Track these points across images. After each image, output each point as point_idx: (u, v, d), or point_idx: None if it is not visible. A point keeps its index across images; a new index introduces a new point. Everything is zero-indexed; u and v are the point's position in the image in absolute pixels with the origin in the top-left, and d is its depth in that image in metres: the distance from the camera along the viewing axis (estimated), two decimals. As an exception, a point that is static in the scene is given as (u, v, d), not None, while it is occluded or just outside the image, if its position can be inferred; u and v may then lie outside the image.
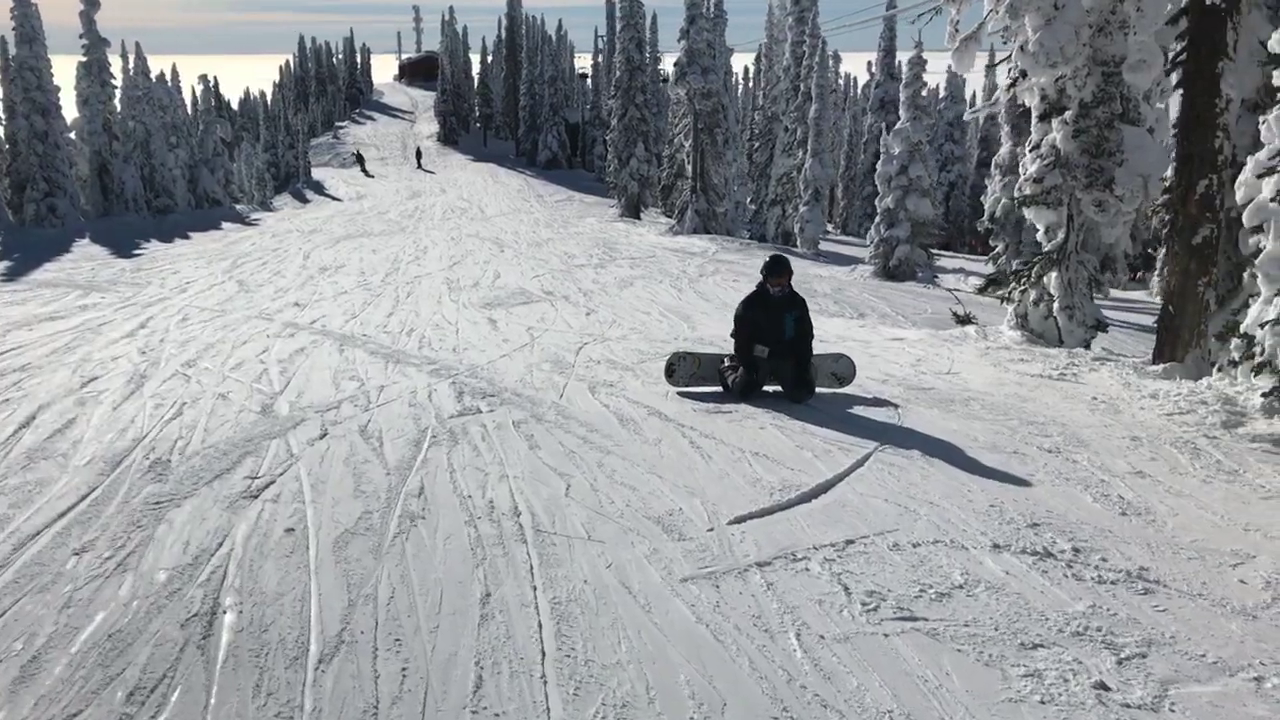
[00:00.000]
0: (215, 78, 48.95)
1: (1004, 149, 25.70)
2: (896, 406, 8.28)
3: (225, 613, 4.47)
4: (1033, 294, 12.86)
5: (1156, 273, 31.16)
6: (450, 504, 5.84)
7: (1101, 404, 8.42)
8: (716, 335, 12.56)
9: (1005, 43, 12.67)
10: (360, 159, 65.64)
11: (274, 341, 11.59)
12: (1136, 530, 5.48)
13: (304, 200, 52.02)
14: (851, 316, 16.18)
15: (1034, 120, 12.71)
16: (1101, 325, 12.73)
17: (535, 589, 4.68)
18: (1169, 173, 11.88)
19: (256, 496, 6.00)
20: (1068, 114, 12.00)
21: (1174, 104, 12.22)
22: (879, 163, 31.01)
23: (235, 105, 78.79)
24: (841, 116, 53.03)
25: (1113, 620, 4.37)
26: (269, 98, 75.64)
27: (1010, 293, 13.27)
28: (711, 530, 5.41)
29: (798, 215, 38.57)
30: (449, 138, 74.84)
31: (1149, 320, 20.60)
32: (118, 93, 37.76)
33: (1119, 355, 11.30)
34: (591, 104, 67.40)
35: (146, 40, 41.05)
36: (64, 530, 5.49)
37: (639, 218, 43.26)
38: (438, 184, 54.70)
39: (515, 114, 71.08)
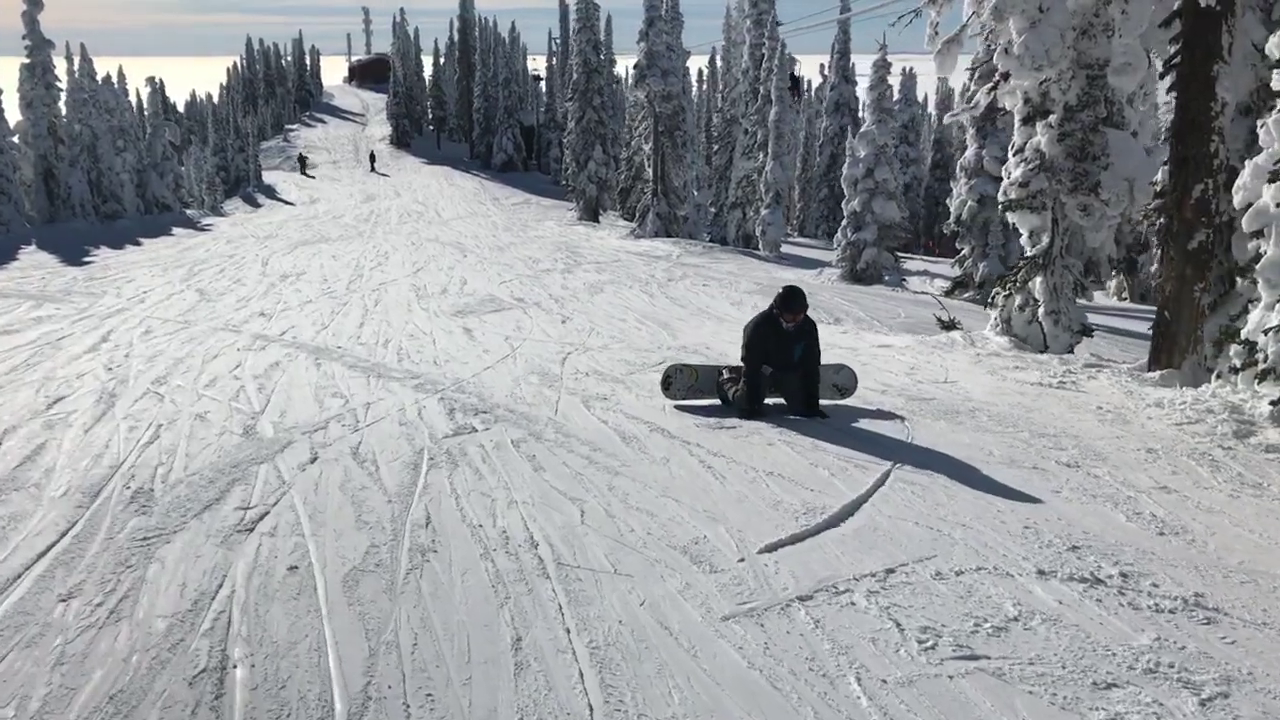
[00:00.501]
0: (162, 80, 47.80)
1: (969, 151, 25.64)
2: (903, 420, 8.06)
3: (236, 667, 4.10)
4: (1018, 299, 12.76)
5: (1115, 275, 31.48)
6: (461, 535, 5.50)
7: (1108, 414, 8.26)
8: (699, 343, 12.32)
9: (989, 46, 12.56)
10: (303, 161, 64.60)
11: (245, 355, 11.13)
12: (1179, 551, 5.28)
13: (255, 205, 51.10)
14: (829, 322, 15.96)
15: (1017, 124, 12.61)
16: (1086, 330, 12.68)
17: (568, 631, 4.37)
18: (1157, 176, 11.84)
19: (252, 529, 5.62)
20: (1052, 117, 11.91)
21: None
22: (845, 166, 30.93)
23: (181, 108, 77.30)
24: (798, 119, 53.00)
25: (1183, 655, 4.15)
26: (216, 100, 74.28)
27: (994, 297, 13.18)
28: (743, 561, 5.12)
29: (759, 218, 38.40)
30: (402, 140, 73.91)
31: (1116, 323, 20.75)
32: (62, 95, 36.72)
33: (1110, 361, 11.19)
34: (546, 106, 66.97)
35: (91, 41, 39.84)
36: (46, 572, 5.08)
37: (598, 221, 42.97)
38: (392, 187, 54.00)
39: (469, 116, 70.37)
